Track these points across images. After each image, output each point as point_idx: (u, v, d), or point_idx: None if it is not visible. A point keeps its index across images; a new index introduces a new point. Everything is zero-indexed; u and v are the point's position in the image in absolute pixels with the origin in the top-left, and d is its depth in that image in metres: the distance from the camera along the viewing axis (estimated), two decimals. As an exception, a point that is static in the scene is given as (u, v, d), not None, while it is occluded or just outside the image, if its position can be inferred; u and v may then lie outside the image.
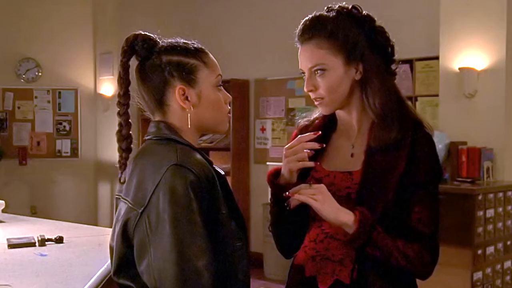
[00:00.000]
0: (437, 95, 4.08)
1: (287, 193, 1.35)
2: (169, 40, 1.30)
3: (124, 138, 1.27)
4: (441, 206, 1.40)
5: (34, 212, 5.95)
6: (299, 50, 1.42)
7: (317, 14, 1.41)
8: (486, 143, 3.66)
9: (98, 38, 6.28)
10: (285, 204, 1.38)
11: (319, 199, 1.31)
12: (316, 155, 1.45)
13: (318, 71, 1.38)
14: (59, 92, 6.26)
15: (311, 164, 1.38)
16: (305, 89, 1.42)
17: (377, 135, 1.37)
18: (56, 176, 6.26)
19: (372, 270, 1.34)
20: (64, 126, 6.27)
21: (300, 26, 1.42)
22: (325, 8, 1.42)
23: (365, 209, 1.31)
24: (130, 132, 1.28)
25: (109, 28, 6.06)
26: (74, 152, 6.27)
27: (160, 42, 1.29)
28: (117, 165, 1.28)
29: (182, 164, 1.17)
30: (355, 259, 1.35)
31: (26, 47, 6.12)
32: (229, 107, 1.34)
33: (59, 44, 6.17)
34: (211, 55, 1.31)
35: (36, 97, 6.21)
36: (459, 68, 3.80)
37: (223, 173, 1.28)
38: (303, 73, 1.42)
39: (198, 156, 1.23)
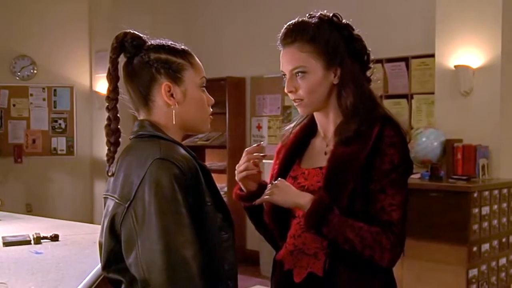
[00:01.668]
0: (432, 93, 4.09)
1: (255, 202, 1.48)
2: (157, 40, 1.34)
3: (112, 132, 1.31)
4: (436, 203, 1.41)
5: (30, 210, 5.93)
6: (281, 53, 1.50)
7: (300, 19, 1.49)
8: (481, 141, 3.67)
9: (94, 36, 6.25)
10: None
11: (275, 192, 1.42)
12: (295, 157, 1.56)
13: (299, 73, 1.46)
14: (55, 90, 6.23)
15: (253, 171, 1.50)
16: (285, 90, 1.50)
17: (339, 128, 1.46)
18: (51, 174, 6.25)
19: (344, 263, 1.39)
20: (60, 124, 6.25)
21: (283, 30, 1.49)
22: (307, 15, 1.50)
23: (325, 194, 1.38)
24: (119, 126, 1.31)
25: (105, 26, 6.03)
26: (70, 150, 6.25)
27: (149, 41, 1.34)
28: (105, 158, 1.31)
29: (165, 158, 1.21)
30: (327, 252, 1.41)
31: (21, 44, 6.10)
32: (211, 110, 1.39)
33: (54, 42, 6.15)
34: (196, 58, 1.36)
35: (31, 95, 6.18)
36: (455, 66, 3.81)
37: (207, 166, 1.31)
38: (284, 75, 1.50)
39: (182, 150, 1.27)
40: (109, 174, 1.31)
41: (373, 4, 4.60)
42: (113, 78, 1.30)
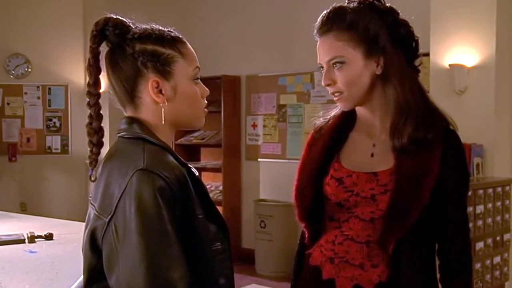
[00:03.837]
0: (427, 92, 4.09)
1: None
2: (144, 26, 1.19)
3: (94, 132, 1.18)
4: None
5: (24, 209, 5.91)
6: (318, 43, 1.36)
7: (337, 5, 1.35)
8: (476, 140, 3.68)
9: (89, 34, 6.21)
10: None
11: None
12: (334, 153, 1.42)
13: (337, 64, 1.32)
14: (49, 88, 6.21)
15: None
16: (322, 83, 1.36)
17: (395, 130, 1.32)
18: (46, 173, 6.22)
19: (398, 275, 1.30)
20: (54, 123, 6.22)
21: (319, 18, 1.36)
22: (346, 0, 1.38)
23: None
24: (102, 124, 1.19)
25: (100, 23, 6.01)
26: (65, 148, 6.23)
27: (134, 27, 1.18)
28: (87, 161, 1.19)
29: (148, 168, 1.07)
30: (376, 264, 1.31)
31: (15, 42, 6.07)
32: (206, 102, 1.24)
33: (49, 40, 6.12)
34: (189, 45, 1.21)
35: (25, 93, 6.15)
36: (450, 65, 3.82)
37: (197, 173, 1.18)
38: (322, 67, 1.36)
39: (169, 157, 1.13)
40: (92, 179, 1.18)
41: (368, 3, 4.60)
42: (93, 70, 1.16)
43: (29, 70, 6.15)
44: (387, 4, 1.36)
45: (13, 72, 6.12)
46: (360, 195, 1.33)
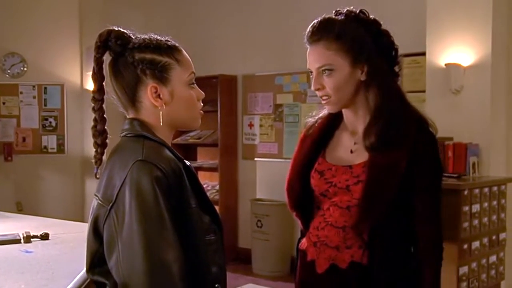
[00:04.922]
0: (423, 91, 4.10)
1: None
2: (143, 37, 1.30)
3: (99, 134, 1.30)
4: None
5: (20, 208, 5.89)
6: (308, 51, 1.50)
7: (326, 17, 1.49)
8: (472, 139, 3.69)
9: (85, 33, 6.22)
10: None
11: None
12: (320, 150, 1.58)
13: (326, 71, 1.46)
14: (45, 88, 6.19)
15: None
16: (312, 88, 1.51)
17: (367, 131, 1.46)
18: (42, 173, 6.21)
19: (373, 259, 1.44)
20: (50, 122, 6.21)
21: (309, 28, 1.49)
22: (333, 11, 1.51)
23: None
24: (106, 127, 1.30)
25: (96, 22, 5.99)
26: (61, 148, 6.22)
27: (134, 38, 1.30)
28: (93, 160, 1.30)
29: (147, 159, 1.19)
30: (349, 246, 1.46)
31: (11, 41, 6.05)
32: (202, 104, 1.35)
33: (45, 39, 6.10)
34: (184, 53, 1.32)
35: (21, 93, 6.13)
36: (446, 64, 3.83)
37: (192, 168, 1.30)
38: (311, 72, 1.51)
39: (166, 151, 1.25)
40: (97, 176, 1.30)
41: (364, 3, 4.60)
42: (98, 77, 1.28)
43: (25, 69, 6.13)
44: (371, 16, 1.52)
45: (8, 71, 6.10)
46: (337, 185, 1.49)
